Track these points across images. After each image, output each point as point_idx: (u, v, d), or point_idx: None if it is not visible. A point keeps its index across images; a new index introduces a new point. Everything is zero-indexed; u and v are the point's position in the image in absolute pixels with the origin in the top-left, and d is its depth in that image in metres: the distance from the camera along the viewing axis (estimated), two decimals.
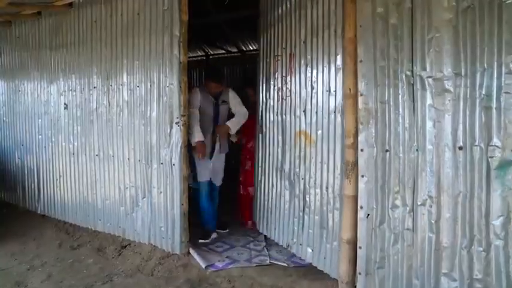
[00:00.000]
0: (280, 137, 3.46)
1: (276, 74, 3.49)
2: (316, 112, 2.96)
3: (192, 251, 3.46)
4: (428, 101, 2.24)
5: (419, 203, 2.30)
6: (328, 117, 2.84)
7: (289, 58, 3.30)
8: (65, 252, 3.75)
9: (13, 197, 5.06)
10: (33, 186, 4.70)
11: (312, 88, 3.01)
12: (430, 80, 2.24)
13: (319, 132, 2.94)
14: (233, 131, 3.87)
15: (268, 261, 3.30)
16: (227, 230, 4.07)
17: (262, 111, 3.79)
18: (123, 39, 3.60)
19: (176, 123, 3.31)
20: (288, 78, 3.31)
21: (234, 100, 3.89)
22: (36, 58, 4.47)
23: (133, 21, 3.52)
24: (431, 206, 2.25)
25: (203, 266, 3.23)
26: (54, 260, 3.59)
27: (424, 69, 2.25)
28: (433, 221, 2.25)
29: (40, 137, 4.50)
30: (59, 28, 4.15)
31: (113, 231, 3.86)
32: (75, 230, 4.19)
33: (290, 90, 3.29)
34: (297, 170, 3.20)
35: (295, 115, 3.22)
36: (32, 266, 3.48)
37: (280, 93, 3.44)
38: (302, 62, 3.11)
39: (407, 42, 2.31)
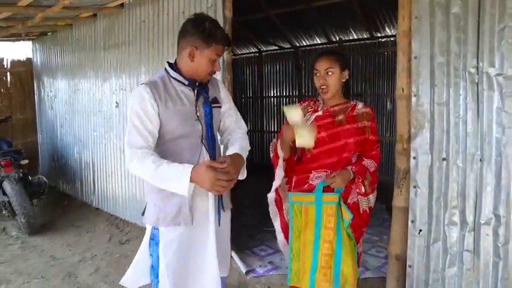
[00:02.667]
0: None
1: None
2: None
3: (233, 253, 3.38)
4: (497, 103, 1.92)
5: (482, 222, 1.98)
6: None
7: None
8: (113, 247, 3.88)
9: (72, 190, 5.39)
10: (89, 180, 4.96)
11: None
12: (499, 78, 1.91)
13: None
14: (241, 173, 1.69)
15: None
16: None
17: None
18: (169, 38, 3.60)
19: None
20: None
21: (228, 101, 1.85)
22: (92, 58, 4.68)
23: (178, 20, 3.50)
24: (498, 227, 1.93)
25: (243, 271, 3.15)
26: (103, 253, 3.73)
27: (493, 65, 1.93)
28: (499, 244, 1.93)
29: (95, 133, 4.71)
30: (112, 29, 4.29)
31: None
32: (125, 224, 4.33)
33: None
34: None
35: None
36: (83, 258, 3.63)
37: None
38: None
39: (473, 34, 1.99)
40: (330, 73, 1.94)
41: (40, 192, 4.59)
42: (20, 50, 6.66)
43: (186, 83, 1.66)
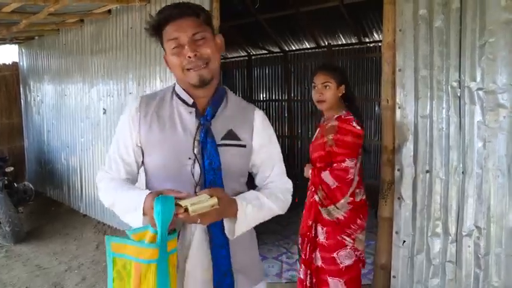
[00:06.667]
0: None
1: None
2: None
3: None
4: (478, 117, 1.95)
5: (464, 233, 2.01)
6: None
7: None
8: (100, 255, 3.83)
9: (60, 195, 5.32)
10: (76, 187, 4.90)
11: None
12: (480, 92, 1.94)
13: None
14: (238, 228, 1.07)
15: (298, 277, 3.13)
16: None
17: None
18: (157, 45, 3.57)
19: None
20: None
21: (264, 139, 1.21)
22: (79, 64, 4.63)
23: None
24: (478, 238, 1.96)
25: None
26: (90, 262, 3.69)
27: (474, 79, 1.96)
28: (480, 255, 1.96)
29: (82, 139, 4.67)
30: (99, 35, 4.25)
31: None
32: (113, 232, 4.29)
33: None
34: None
35: None
36: (69, 267, 3.59)
37: None
38: None
39: (455, 48, 2.02)
40: (327, 87, 2.07)
41: (26, 199, 4.53)
42: (5, 54, 6.57)
43: (190, 102, 1.16)
